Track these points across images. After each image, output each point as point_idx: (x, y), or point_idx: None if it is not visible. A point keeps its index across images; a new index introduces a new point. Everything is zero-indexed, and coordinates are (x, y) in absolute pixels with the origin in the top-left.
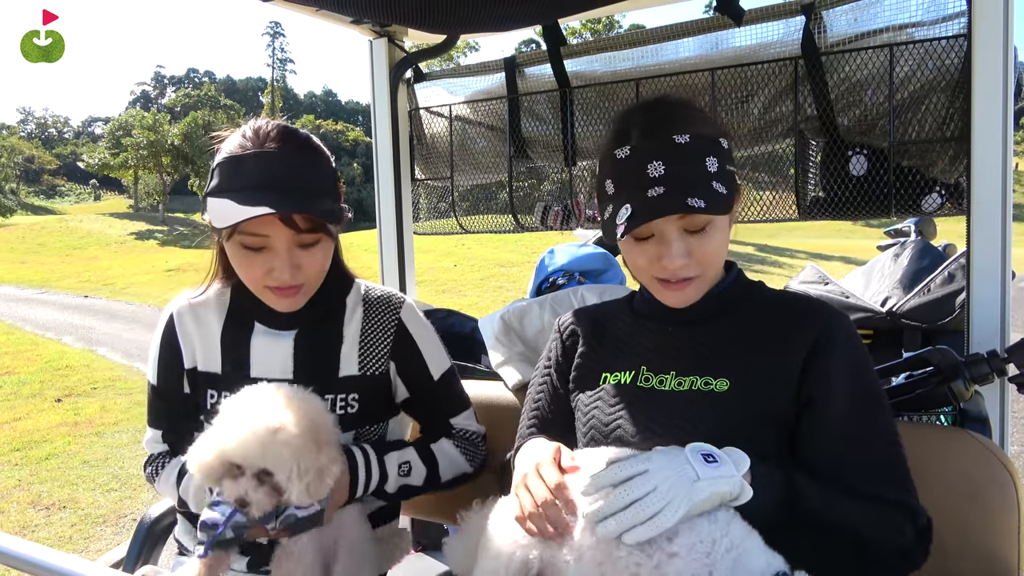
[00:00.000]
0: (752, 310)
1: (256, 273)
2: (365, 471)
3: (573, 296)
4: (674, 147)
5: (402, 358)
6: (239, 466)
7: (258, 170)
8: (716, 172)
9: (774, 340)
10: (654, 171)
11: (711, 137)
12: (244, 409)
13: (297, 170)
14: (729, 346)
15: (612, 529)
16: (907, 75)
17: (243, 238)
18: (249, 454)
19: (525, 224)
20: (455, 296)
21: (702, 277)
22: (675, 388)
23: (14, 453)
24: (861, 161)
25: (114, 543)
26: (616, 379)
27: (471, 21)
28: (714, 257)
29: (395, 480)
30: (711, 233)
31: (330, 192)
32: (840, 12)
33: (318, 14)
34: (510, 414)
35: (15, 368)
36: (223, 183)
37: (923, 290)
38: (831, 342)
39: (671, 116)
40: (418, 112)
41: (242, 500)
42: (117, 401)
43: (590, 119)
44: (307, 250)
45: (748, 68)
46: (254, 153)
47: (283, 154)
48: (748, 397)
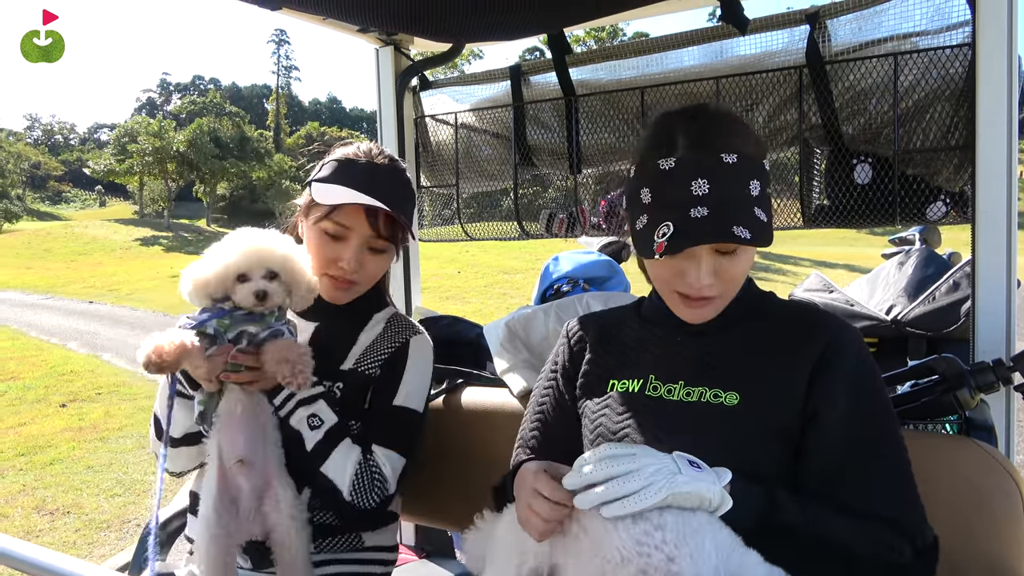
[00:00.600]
0: (762, 321)
1: (326, 258)
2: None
3: (578, 303)
4: (721, 166)
5: (387, 372)
6: (243, 275)
7: (367, 174)
8: (758, 197)
9: (782, 353)
10: (698, 189)
11: (756, 158)
12: (239, 236)
13: (395, 187)
14: (738, 358)
15: (592, 499)
16: (912, 84)
17: (329, 224)
18: (265, 259)
19: (530, 231)
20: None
21: (723, 297)
22: (683, 399)
23: (19, 458)
24: (866, 169)
25: (117, 548)
26: (624, 387)
27: (477, 30)
28: (739, 279)
29: (302, 418)
30: (740, 256)
31: (407, 212)
32: (844, 21)
33: (325, 22)
34: (515, 421)
35: (20, 373)
36: (336, 175)
37: (928, 298)
38: (838, 355)
39: (718, 129)
40: (424, 120)
41: (261, 292)
42: (121, 406)
43: (595, 127)
44: (374, 254)
45: (753, 77)
46: (366, 162)
47: (387, 171)
48: (757, 412)
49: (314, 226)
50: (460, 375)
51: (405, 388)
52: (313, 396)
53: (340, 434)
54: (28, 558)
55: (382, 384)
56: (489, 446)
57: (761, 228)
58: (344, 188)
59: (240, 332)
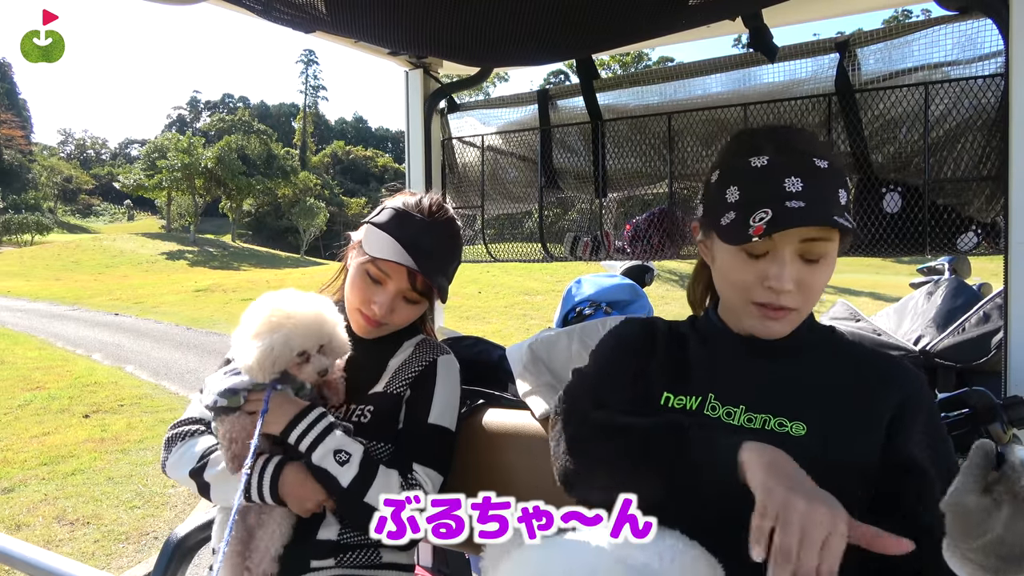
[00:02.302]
0: (827, 356)
1: (361, 297)
2: (311, 420)
3: (601, 327)
4: (814, 168)
5: (417, 391)
6: (304, 352)
7: (418, 231)
8: (845, 206)
9: (856, 394)
10: (792, 186)
11: (843, 171)
12: (289, 307)
13: (442, 245)
14: (804, 389)
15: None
16: (943, 113)
17: (372, 268)
18: (318, 334)
19: (554, 254)
20: (479, 323)
21: (799, 311)
22: (745, 424)
23: (42, 467)
24: (895, 198)
25: (135, 561)
26: (681, 403)
27: (506, 55)
28: (818, 292)
29: (325, 454)
30: (823, 266)
31: (448, 272)
32: (874, 50)
33: (357, 45)
34: (537, 443)
35: (46, 383)
36: (389, 223)
37: (957, 329)
38: (919, 408)
39: (805, 138)
40: (451, 142)
41: (324, 370)
42: (143, 419)
43: (622, 151)
44: (407, 303)
45: (781, 104)
46: (421, 219)
47: (440, 228)
48: (827, 446)
49: (359, 265)
50: (482, 396)
51: (437, 406)
52: (330, 425)
53: (372, 463)
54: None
55: (414, 403)
56: (510, 468)
57: (853, 232)
58: (391, 241)
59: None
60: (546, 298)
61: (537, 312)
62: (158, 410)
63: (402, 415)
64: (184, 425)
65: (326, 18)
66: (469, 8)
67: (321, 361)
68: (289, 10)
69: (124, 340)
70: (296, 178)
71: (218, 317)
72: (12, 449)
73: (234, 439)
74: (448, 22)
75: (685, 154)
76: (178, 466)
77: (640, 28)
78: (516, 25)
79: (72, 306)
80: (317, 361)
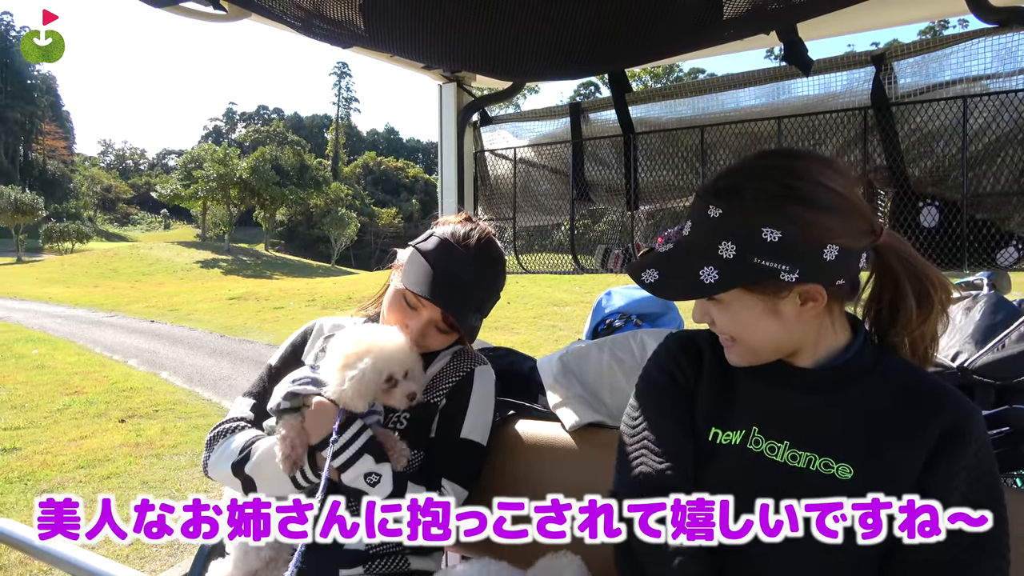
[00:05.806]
0: (877, 385)
1: (396, 318)
2: (346, 440)
3: (632, 340)
4: (702, 215)
5: (452, 403)
6: (391, 377)
7: (456, 266)
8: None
9: (901, 425)
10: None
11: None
12: (370, 334)
13: (477, 285)
14: (851, 426)
15: None
16: (982, 127)
17: (408, 294)
18: (405, 362)
19: (584, 266)
20: (508, 333)
21: (739, 344)
22: (788, 461)
23: (79, 471)
24: (932, 212)
25: (167, 565)
26: (728, 439)
27: (539, 69)
28: (744, 326)
29: (356, 476)
30: (726, 307)
31: (483, 309)
32: (911, 63)
33: (392, 60)
34: (566, 454)
35: (84, 388)
36: (432, 252)
37: (997, 346)
38: (963, 440)
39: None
40: (483, 154)
41: (413, 395)
42: (177, 424)
43: (654, 164)
44: (438, 332)
45: (816, 117)
46: (464, 255)
47: (479, 268)
48: (874, 491)
49: (399, 289)
50: (513, 407)
51: (471, 420)
52: (353, 456)
53: (403, 482)
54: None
55: (449, 413)
56: (540, 479)
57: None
58: (427, 274)
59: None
60: (575, 309)
61: (566, 323)
62: (191, 416)
63: (435, 424)
64: (225, 424)
65: (364, 34)
66: (505, 24)
67: (408, 386)
68: (328, 26)
69: (159, 347)
70: (328, 188)
71: (251, 325)
72: (51, 452)
73: (288, 439)
74: (484, 38)
75: (718, 167)
76: (219, 462)
77: (675, 43)
78: (551, 40)
79: (110, 312)
80: (405, 386)
